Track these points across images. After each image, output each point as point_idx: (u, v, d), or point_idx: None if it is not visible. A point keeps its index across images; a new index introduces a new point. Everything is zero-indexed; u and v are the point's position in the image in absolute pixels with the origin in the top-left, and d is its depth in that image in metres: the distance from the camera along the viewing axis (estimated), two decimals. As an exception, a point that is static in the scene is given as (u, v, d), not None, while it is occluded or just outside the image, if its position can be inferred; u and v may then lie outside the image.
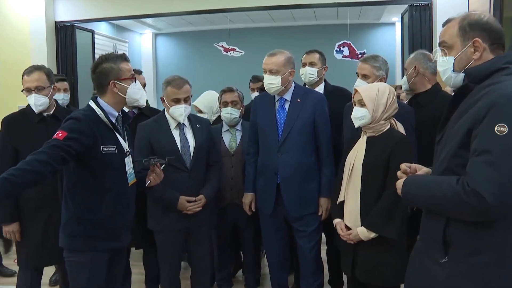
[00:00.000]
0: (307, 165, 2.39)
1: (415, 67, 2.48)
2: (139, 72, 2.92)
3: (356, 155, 2.03)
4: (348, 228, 2.03)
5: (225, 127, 2.79)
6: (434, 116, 2.03)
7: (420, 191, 1.32)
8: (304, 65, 2.76)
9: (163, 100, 2.37)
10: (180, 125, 2.41)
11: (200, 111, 3.16)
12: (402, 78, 2.71)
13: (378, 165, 1.96)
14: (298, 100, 2.40)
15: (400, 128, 2.10)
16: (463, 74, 1.35)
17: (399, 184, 1.40)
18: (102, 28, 7.69)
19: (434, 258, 1.31)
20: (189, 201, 2.35)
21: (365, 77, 2.38)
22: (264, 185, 2.45)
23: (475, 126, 1.20)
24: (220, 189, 2.60)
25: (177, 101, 2.33)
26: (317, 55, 2.76)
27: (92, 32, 6.73)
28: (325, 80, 2.85)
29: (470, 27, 1.33)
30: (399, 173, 1.49)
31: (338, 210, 2.11)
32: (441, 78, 1.44)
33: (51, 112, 2.41)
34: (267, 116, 2.43)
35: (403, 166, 1.48)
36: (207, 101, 3.17)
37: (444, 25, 1.41)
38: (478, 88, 1.27)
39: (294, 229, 2.48)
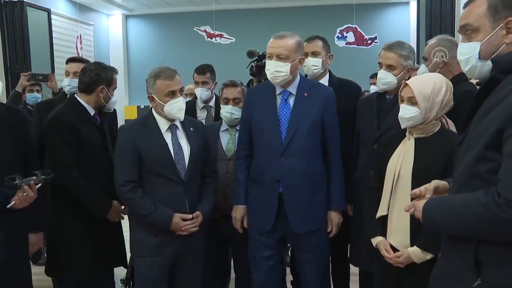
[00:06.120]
0: (316, 172, 2.34)
1: (442, 56, 2.42)
2: None
3: (403, 161, 1.95)
4: (393, 249, 1.98)
5: (224, 126, 2.72)
6: (452, 110, 2.04)
7: (444, 214, 1.29)
8: (305, 55, 2.70)
9: (152, 99, 2.29)
10: (172, 128, 2.33)
11: None
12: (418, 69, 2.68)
13: (433, 172, 1.84)
14: (305, 94, 2.34)
15: (452, 127, 2.03)
16: (491, 63, 1.31)
17: (419, 207, 1.38)
18: (60, 7, 7.50)
19: (463, 281, 1.27)
20: (184, 219, 2.27)
21: (390, 67, 2.31)
22: (262, 195, 2.36)
23: (507, 125, 1.17)
24: None
25: (173, 94, 2.26)
26: (320, 43, 2.73)
27: (48, 11, 6.57)
28: (329, 71, 2.81)
29: (503, 4, 1.29)
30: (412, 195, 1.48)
31: (377, 226, 2.04)
32: (462, 69, 1.41)
33: None
34: (266, 112, 2.35)
35: (415, 191, 1.48)
36: None
37: (466, 4, 1.37)
38: (509, 79, 1.24)
39: (296, 250, 2.43)
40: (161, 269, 2.30)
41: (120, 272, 2.96)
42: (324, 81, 2.74)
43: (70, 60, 3.12)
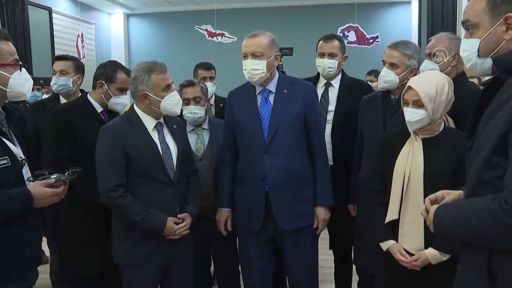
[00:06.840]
0: (301, 168, 2.32)
1: (456, 54, 2.36)
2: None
3: (412, 163, 1.91)
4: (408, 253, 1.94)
5: (189, 127, 2.65)
6: (455, 110, 2.03)
7: (453, 220, 1.25)
8: (322, 55, 2.70)
9: (145, 96, 2.14)
10: (158, 126, 2.22)
11: None
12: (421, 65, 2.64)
13: (445, 174, 1.83)
14: (285, 91, 2.33)
15: (451, 124, 2.03)
16: (491, 61, 1.29)
17: (430, 213, 1.35)
18: (62, 6, 7.50)
19: None
20: (176, 223, 2.17)
21: (392, 66, 2.28)
22: (249, 195, 2.33)
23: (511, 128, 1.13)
24: None
25: (168, 88, 2.17)
26: (337, 43, 2.71)
27: (49, 9, 6.59)
28: (342, 71, 2.80)
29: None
30: (426, 202, 1.44)
31: (387, 230, 2.00)
32: (465, 66, 1.38)
33: None
34: (247, 112, 2.34)
35: (427, 201, 1.44)
36: None
37: None
38: None
39: (285, 248, 2.40)
40: (152, 277, 2.20)
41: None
42: (337, 80, 2.75)
43: (56, 58, 3.05)
